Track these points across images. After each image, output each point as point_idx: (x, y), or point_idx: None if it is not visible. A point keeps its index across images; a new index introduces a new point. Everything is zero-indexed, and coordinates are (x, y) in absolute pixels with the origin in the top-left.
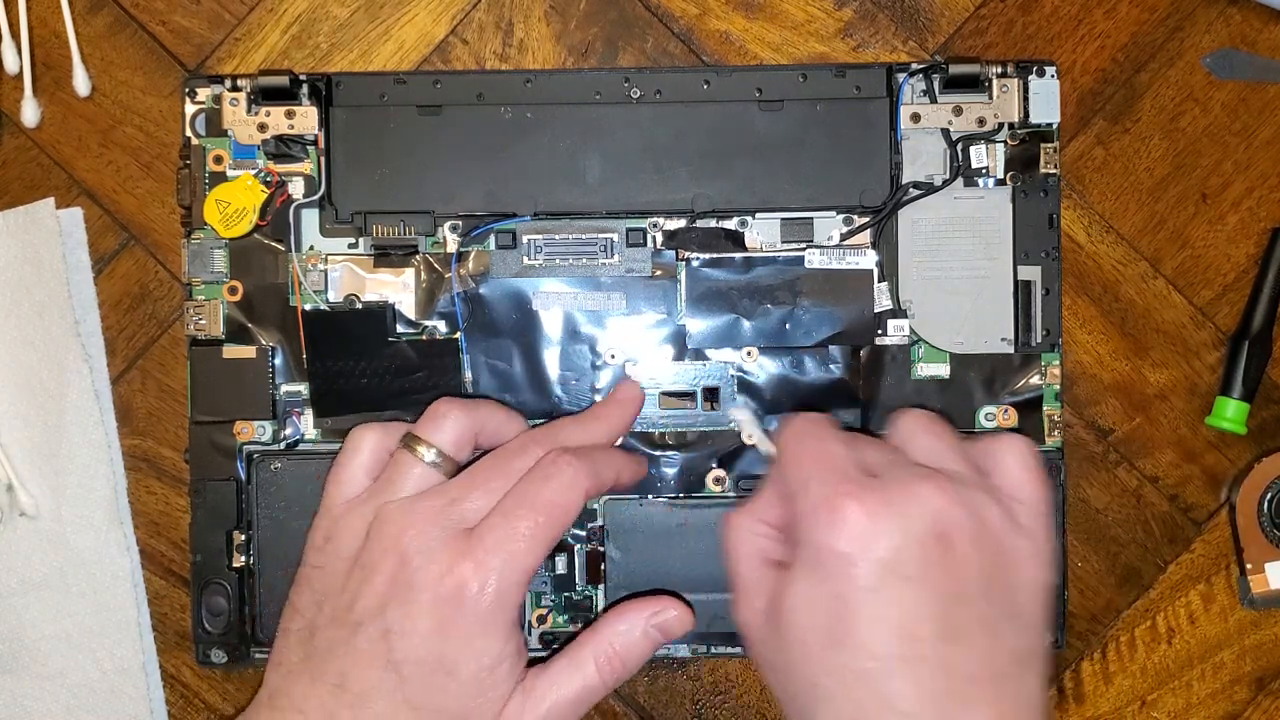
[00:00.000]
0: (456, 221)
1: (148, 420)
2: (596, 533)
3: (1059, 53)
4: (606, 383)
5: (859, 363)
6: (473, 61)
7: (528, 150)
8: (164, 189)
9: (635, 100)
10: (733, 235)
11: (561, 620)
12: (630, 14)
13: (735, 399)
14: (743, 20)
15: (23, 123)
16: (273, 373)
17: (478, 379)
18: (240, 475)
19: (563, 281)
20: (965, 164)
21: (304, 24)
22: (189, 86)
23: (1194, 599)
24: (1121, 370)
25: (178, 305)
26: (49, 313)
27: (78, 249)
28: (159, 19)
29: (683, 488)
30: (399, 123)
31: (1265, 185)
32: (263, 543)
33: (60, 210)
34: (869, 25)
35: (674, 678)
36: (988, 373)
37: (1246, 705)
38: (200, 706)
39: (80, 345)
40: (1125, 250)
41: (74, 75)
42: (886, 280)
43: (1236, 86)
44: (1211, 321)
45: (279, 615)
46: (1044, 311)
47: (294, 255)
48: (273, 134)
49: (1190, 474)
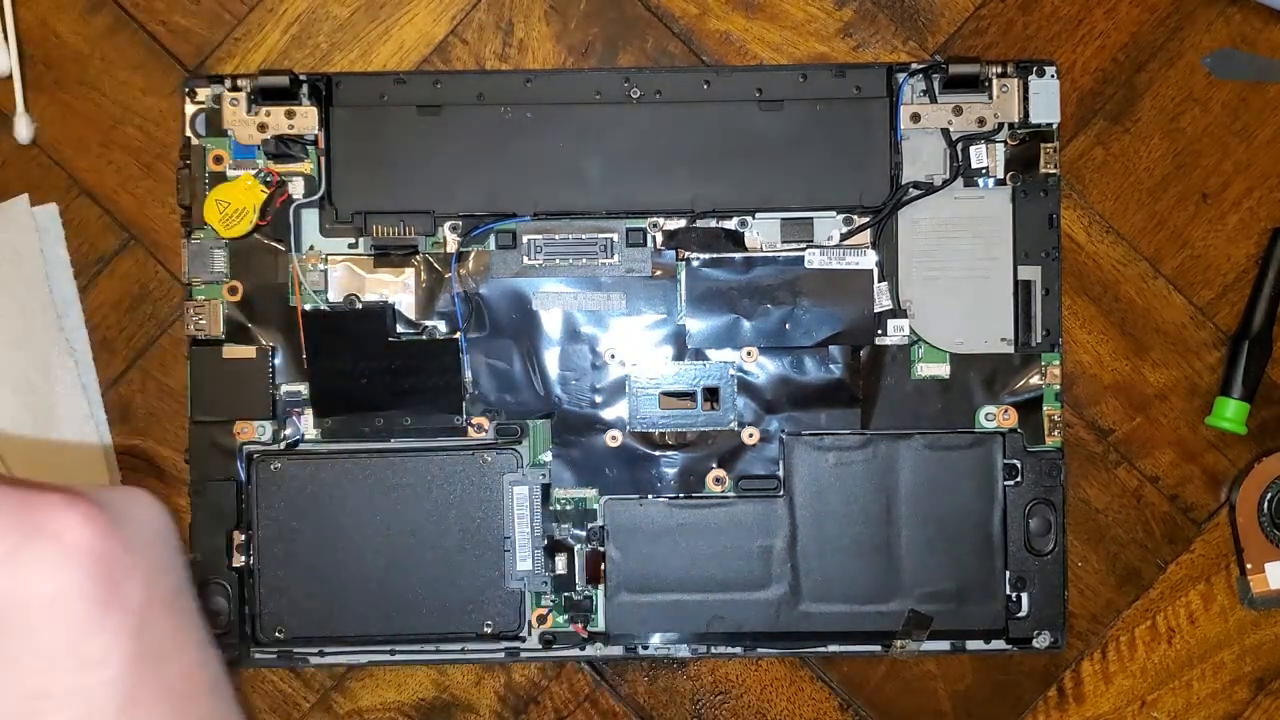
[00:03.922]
0: (456, 221)
1: (147, 420)
2: (596, 533)
3: (1059, 53)
4: (607, 382)
5: (859, 363)
6: (473, 61)
7: (528, 150)
8: (164, 189)
9: (635, 100)
10: (733, 235)
11: (561, 620)
12: (630, 14)
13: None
14: (743, 20)
15: (16, 138)
16: (273, 373)
17: (478, 379)
18: (240, 475)
19: (563, 281)
20: (965, 164)
21: (304, 24)
22: (189, 86)
23: (1194, 599)
24: (1121, 370)
25: (178, 305)
26: (31, 310)
27: (55, 245)
28: (159, 19)
29: (683, 488)
30: (399, 123)
31: (1265, 185)
32: (263, 543)
33: (35, 207)
34: (869, 25)
35: (674, 678)
36: (988, 373)
37: (1246, 705)
38: None
39: (65, 341)
40: (1125, 250)
41: (15, 123)
42: (886, 280)
43: (1236, 86)
44: (1211, 321)
45: (279, 615)
46: (1044, 311)
47: (294, 255)
48: (273, 134)
49: (1190, 474)
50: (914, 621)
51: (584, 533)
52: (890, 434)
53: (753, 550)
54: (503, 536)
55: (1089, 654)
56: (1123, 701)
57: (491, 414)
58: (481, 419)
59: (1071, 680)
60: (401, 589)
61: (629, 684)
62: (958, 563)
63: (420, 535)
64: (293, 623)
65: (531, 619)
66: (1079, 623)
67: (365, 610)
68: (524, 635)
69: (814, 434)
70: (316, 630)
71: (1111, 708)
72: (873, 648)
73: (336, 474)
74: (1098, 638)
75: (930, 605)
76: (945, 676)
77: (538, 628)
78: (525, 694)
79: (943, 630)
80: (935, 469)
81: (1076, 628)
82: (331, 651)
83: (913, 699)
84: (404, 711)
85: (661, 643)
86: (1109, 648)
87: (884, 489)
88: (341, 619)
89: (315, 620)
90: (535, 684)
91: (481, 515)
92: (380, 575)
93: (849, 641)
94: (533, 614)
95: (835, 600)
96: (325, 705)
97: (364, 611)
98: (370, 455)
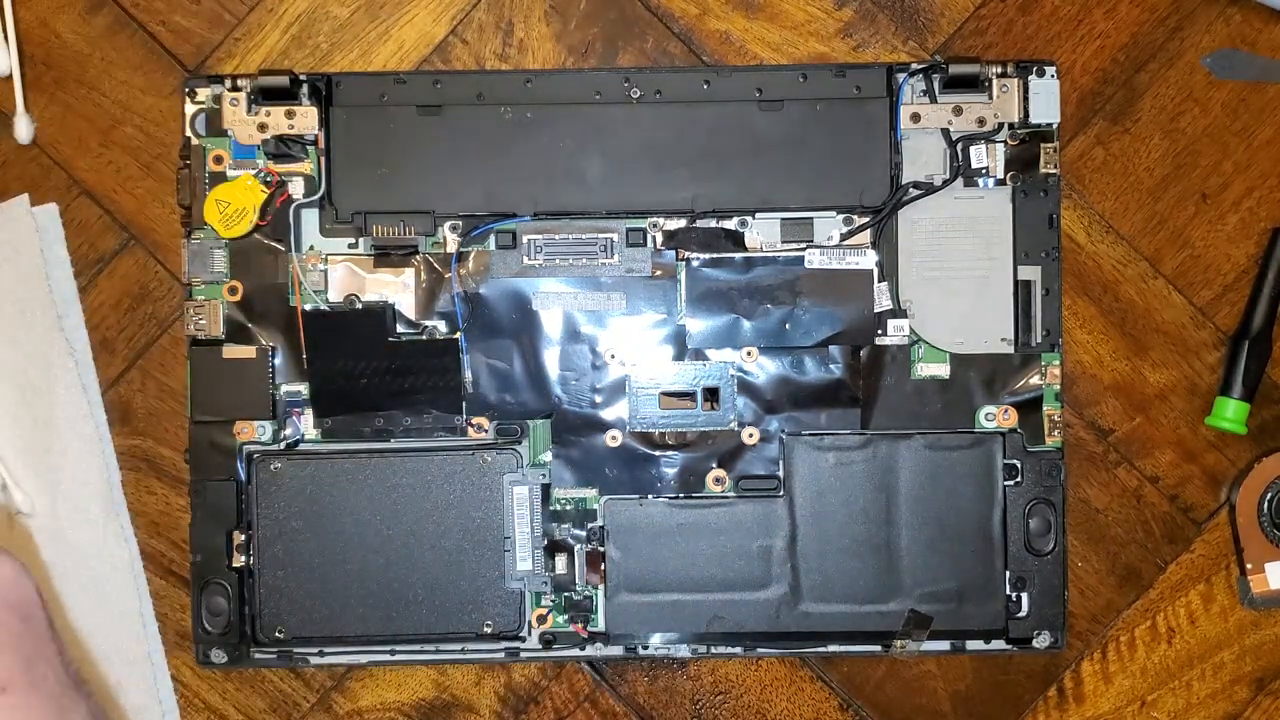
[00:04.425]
0: (456, 221)
1: (148, 420)
2: (596, 533)
3: (1059, 53)
4: (607, 382)
5: (859, 363)
6: (473, 61)
7: (528, 150)
8: (164, 189)
9: (635, 100)
10: (733, 235)
11: (561, 620)
12: (630, 14)
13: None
14: (743, 20)
15: (16, 138)
16: (273, 373)
17: (478, 379)
18: (240, 475)
19: (563, 281)
20: (965, 164)
21: (304, 24)
22: (189, 86)
23: (1194, 599)
24: (1121, 370)
25: (178, 305)
26: (31, 310)
27: (55, 245)
28: (159, 19)
29: (683, 488)
30: (399, 123)
31: (1265, 185)
32: (263, 543)
33: (35, 207)
34: (869, 25)
35: (674, 678)
36: (988, 373)
37: (1246, 705)
38: (200, 706)
39: (65, 341)
40: (1125, 250)
41: (15, 123)
42: (886, 280)
43: (1236, 86)
44: (1211, 321)
45: (279, 615)
46: (1044, 311)
47: (294, 255)
48: (273, 134)
49: (1190, 474)
50: (914, 621)
51: (584, 533)
52: (890, 434)
53: (753, 550)
54: (503, 536)
55: (1089, 654)
56: (1123, 701)
57: (491, 414)
58: (481, 419)
59: (1071, 680)
60: (401, 589)
61: (629, 684)
62: (958, 563)
63: (420, 535)
64: (293, 623)
65: (531, 619)
66: (1079, 623)
67: (365, 610)
68: (524, 635)
69: (814, 434)
70: (316, 630)
71: (1111, 708)
72: (873, 648)
73: (336, 474)
74: (1098, 638)
75: (930, 605)
76: (945, 676)
77: (538, 628)
78: (525, 694)
79: (943, 630)
80: (935, 469)
81: (1076, 628)
82: (331, 651)
83: (913, 699)
84: (404, 711)
85: (661, 643)
86: (1109, 648)
87: (884, 489)
88: (341, 619)
89: (315, 620)
90: (535, 684)
91: (481, 515)
92: (380, 575)
93: (849, 641)
94: (533, 614)
95: (835, 600)
96: (325, 705)
97: (364, 611)
98: (370, 455)
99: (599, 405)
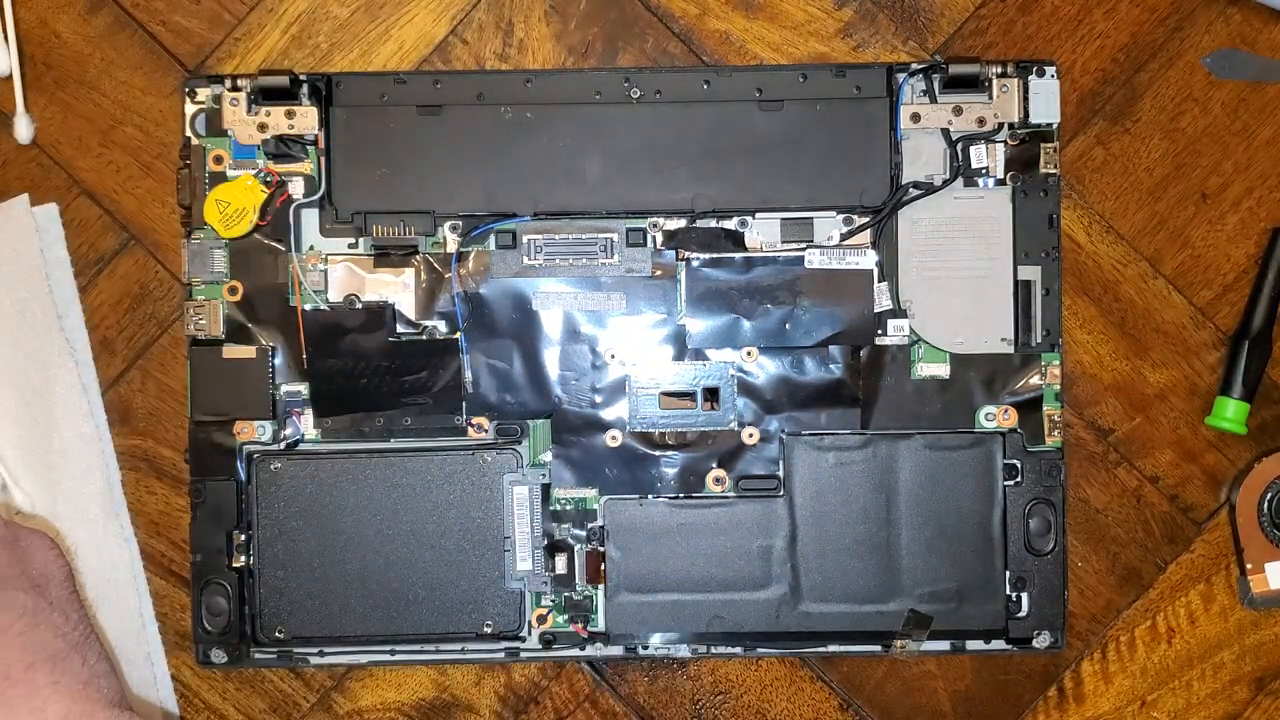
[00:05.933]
0: (456, 221)
1: (148, 420)
2: (596, 533)
3: (1059, 53)
4: (607, 382)
5: (859, 363)
6: (473, 61)
7: (528, 150)
8: (164, 189)
9: (635, 100)
10: (733, 235)
11: (561, 620)
12: (630, 14)
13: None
14: (743, 20)
15: (16, 138)
16: (273, 373)
17: (478, 379)
18: (240, 475)
19: (563, 281)
20: (965, 164)
21: (304, 24)
22: (189, 86)
23: (1194, 599)
24: (1121, 370)
25: (178, 305)
26: (31, 310)
27: (55, 245)
28: (159, 19)
29: (683, 488)
30: (399, 123)
31: (1265, 185)
32: (263, 543)
33: (35, 207)
34: (869, 25)
35: (674, 678)
36: (988, 373)
37: (1246, 705)
38: (200, 706)
39: (64, 341)
40: (1125, 250)
41: (16, 123)
42: (886, 280)
43: (1236, 86)
44: (1211, 321)
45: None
46: (1044, 311)
47: (294, 255)
48: (273, 134)
49: (1190, 474)
50: (914, 621)
51: (584, 533)
52: (890, 434)
53: (753, 550)
54: (503, 536)
55: (1089, 654)
56: (1123, 701)
57: (491, 414)
58: (481, 419)
59: (1071, 680)
60: (401, 589)
61: (629, 684)
62: (958, 563)
63: (420, 535)
64: (293, 623)
65: (531, 619)
66: (1079, 623)
67: (365, 610)
68: (524, 635)
69: (814, 434)
70: (316, 630)
71: (1111, 708)
72: (873, 648)
73: (336, 474)
74: (1098, 638)
75: (930, 605)
76: (945, 676)
77: (538, 628)
78: (525, 694)
79: (943, 630)
80: (935, 469)
81: (1076, 628)
82: (331, 651)
83: (913, 699)
84: (404, 711)
85: (661, 643)
86: (1109, 648)
87: (884, 489)
88: (341, 619)
89: (315, 620)
90: (535, 684)
91: (481, 515)
92: (380, 575)
93: (849, 641)
94: (533, 614)
95: (835, 600)
96: (325, 705)
97: (364, 611)
98: (370, 455)
99: (599, 405)
